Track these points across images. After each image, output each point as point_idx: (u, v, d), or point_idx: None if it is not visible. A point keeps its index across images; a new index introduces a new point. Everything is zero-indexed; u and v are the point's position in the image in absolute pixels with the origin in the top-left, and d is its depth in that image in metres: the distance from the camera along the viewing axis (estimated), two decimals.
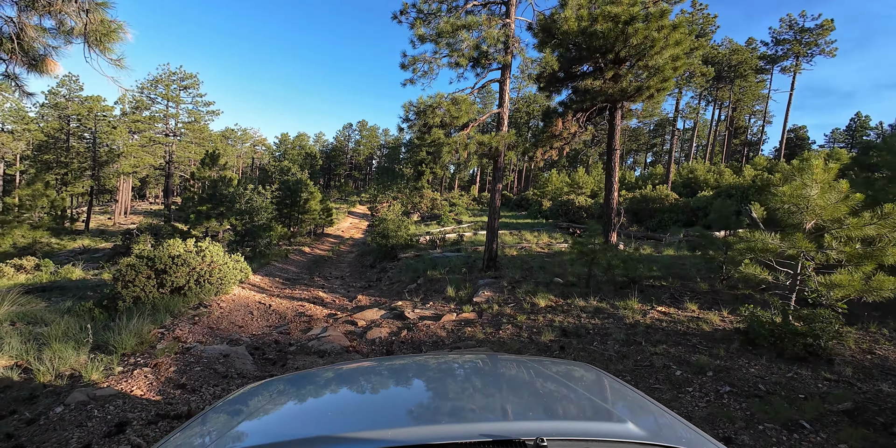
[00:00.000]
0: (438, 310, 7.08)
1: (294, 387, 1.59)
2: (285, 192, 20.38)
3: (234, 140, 66.24)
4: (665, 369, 4.09)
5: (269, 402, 1.43)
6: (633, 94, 9.98)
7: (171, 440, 1.24)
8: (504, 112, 9.66)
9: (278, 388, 1.57)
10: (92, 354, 5.04)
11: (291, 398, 1.49)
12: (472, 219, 28.50)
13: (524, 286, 7.86)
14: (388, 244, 14.04)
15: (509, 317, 6.21)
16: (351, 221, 33.64)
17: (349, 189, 66.08)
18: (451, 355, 2.21)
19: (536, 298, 6.87)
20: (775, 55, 37.50)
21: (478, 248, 14.50)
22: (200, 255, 8.42)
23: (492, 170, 9.95)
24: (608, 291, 7.23)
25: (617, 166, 11.81)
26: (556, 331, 5.41)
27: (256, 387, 1.63)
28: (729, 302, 6.25)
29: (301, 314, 7.43)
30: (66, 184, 35.82)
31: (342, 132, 73.98)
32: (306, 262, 15.21)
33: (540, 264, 10.14)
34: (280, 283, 10.73)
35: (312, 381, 1.65)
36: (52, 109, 38.88)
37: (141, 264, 7.80)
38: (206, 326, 6.13)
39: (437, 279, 9.51)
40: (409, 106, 8.54)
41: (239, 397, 1.54)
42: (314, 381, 1.64)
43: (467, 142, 8.48)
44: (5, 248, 18.53)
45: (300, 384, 1.62)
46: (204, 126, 37.63)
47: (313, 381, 1.64)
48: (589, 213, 23.73)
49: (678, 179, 28.36)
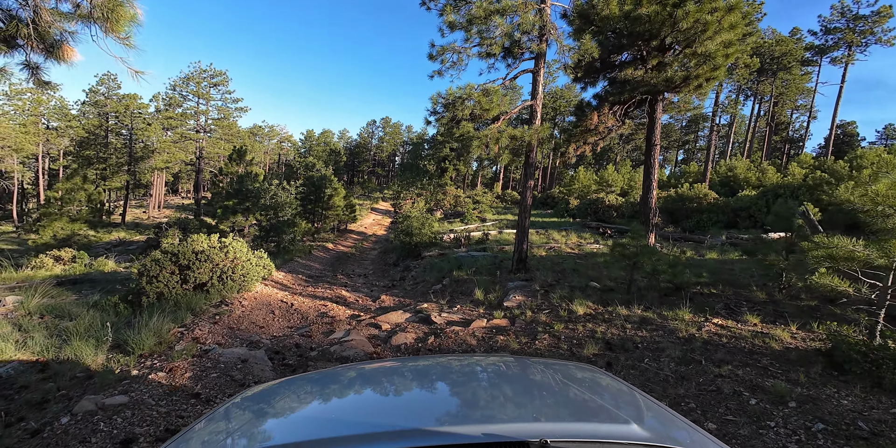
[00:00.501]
0: (467, 314, 6.65)
1: (313, 386, 1.61)
2: (309, 188, 20.39)
3: (262, 137, 67.65)
4: (736, 396, 3.52)
5: (290, 399, 1.46)
6: (680, 84, 9.21)
7: (195, 434, 1.25)
8: (537, 104, 9.09)
9: (302, 386, 1.61)
10: (110, 354, 4.87)
11: (309, 397, 1.51)
12: (496, 217, 27.91)
13: (558, 290, 7.33)
14: (411, 242, 13.70)
15: (545, 325, 5.71)
16: (374, 218, 33.63)
17: (372, 185, 66.50)
18: (454, 356, 2.17)
19: (574, 305, 6.34)
20: (824, 45, 34.97)
21: (504, 247, 13.99)
22: (224, 250, 8.28)
23: (522, 166, 9.41)
24: (652, 299, 6.61)
25: (657, 163, 11.05)
26: (600, 343, 4.89)
27: (278, 385, 1.64)
28: (795, 315, 5.54)
29: (323, 314, 7.15)
30: (104, 179, 37.33)
31: (366, 129, 74.45)
32: (330, 259, 15.08)
33: (572, 266, 9.55)
34: (303, 281, 10.55)
35: (313, 382, 1.66)
36: (92, 107, 40.53)
37: (165, 260, 7.71)
38: (227, 326, 5.92)
39: (464, 280, 9.08)
40: (438, 98, 8.11)
41: (261, 393, 1.55)
42: (315, 383, 1.65)
43: (498, 135, 7.98)
44: (46, 239, 19.30)
45: (320, 383, 1.64)
46: (233, 123, 38.42)
47: (314, 383, 1.65)
48: (619, 213, 22.75)
49: (715, 178, 26.86)
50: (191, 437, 1.24)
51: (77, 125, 40.00)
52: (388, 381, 1.62)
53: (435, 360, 2.01)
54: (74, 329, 6.06)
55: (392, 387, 1.56)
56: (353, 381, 1.63)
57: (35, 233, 20.60)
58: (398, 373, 1.74)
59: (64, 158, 42.85)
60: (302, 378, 1.74)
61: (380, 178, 75.92)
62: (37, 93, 38.74)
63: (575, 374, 1.66)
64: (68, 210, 20.02)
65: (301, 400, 1.47)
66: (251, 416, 1.35)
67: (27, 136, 33.72)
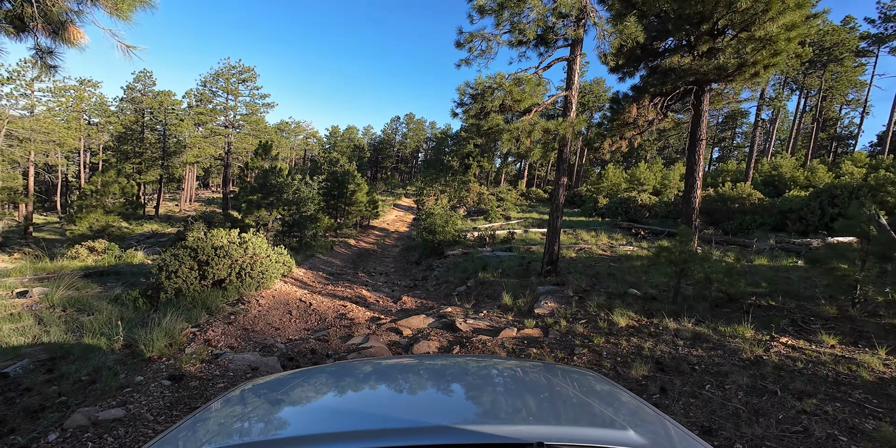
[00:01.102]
0: (494, 321, 6.15)
1: (328, 377, 1.63)
2: (333, 183, 20.27)
3: (288, 133, 68.80)
4: (831, 442, 2.88)
5: (305, 389, 1.47)
6: (733, 72, 8.34)
7: (212, 414, 1.31)
8: (573, 95, 8.43)
9: (317, 377, 1.63)
10: (120, 354, 4.65)
11: (323, 388, 1.52)
12: (520, 215, 27.16)
13: (594, 297, 6.72)
14: (434, 240, 13.28)
15: (583, 338, 5.14)
16: (396, 214, 33.47)
17: (395, 182, 66.61)
18: (457, 358, 2.16)
19: (614, 315, 5.73)
20: (883, 34, 32.25)
21: (531, 247, 13.37)
22: (243, 246, 8.07)
23: (554, 162, 8.78)
24: (702, 310, 5.92)
25: (702, 159, 10.19)
26: (649, 363, 4.29)
27: (292, 375, 1.65)
28: (879, 336, 4.76)
29: (342, 316, 6.80)
30: (139, 172, 38.71)
31: (390, 125, 74.57)
32: (351, 256, 14.85)
33: (607, 270, 8.88)
34: (323, 279, 10.29)
35: (329, 374, 1.68)
36: (129, 103, 42.02)
37: (184, 255, 7.54)
38: (241, 327, 5.64)
39: (490, 282, 8.57)
40: (465, 88, 7.58)
41: (277, 381, 1.56)
42: (332, 375, 1.66)
43: (531, 128, 7.39)
44: (83, 230, 19.96)
45: (336, 375, 1.66)
46: (260, 118, 39.03)
47: (330, 375, 1.66)
48: (652, 213, 21.64)
49: (757, 177, 25.19)
50: (208, 417, 1.29)
51: (115, 121, 41.60)
52: (385, 378, 1.61)
53: (433, 360, 2.00)
54: (90, 325, 5.93)
55: (385, 384, 1.55)
56: (367, 375, 1.64)
57: (73, 224, 21.39)
58: (397, 369, 1.73)
59: (103, 153, 44.71)
60: (319, 369, 1.76)
61: (403, 175, 76.01)
62: (79, 90, 40.52)
63: (574, 379, 1.65)
64: (103, 202, 20.65)
65: (316, 391, 1.48)
66: (266, 403, 1.35)
67: (69, 131, 35.21)
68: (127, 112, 42.43)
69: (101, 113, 43.42)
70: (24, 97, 32.02)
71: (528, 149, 7.83)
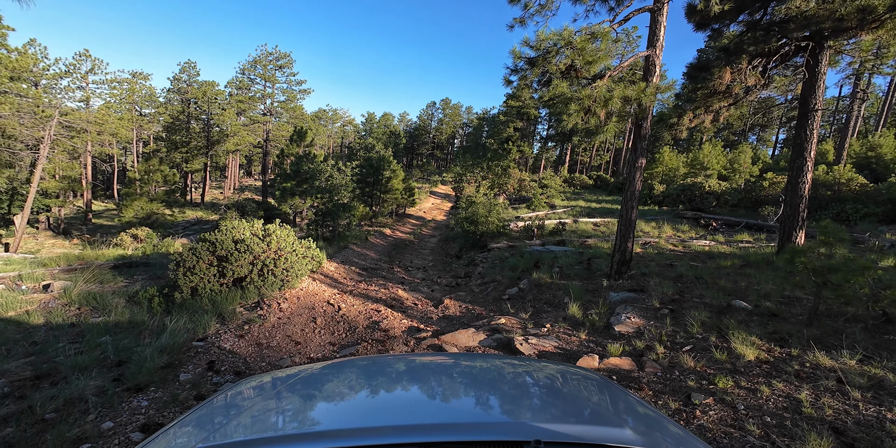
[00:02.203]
0: (564, 341, 4.84)
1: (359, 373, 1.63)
2: (367, 170, 19.36)
3: (325, 121, 69.17)
4: None
5: (338, 384, 1.48)
6: (884, 14, 6.29)
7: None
8: (656, 55, 6.74)
9: (349, 370, 1.65)
10: (100, 380, 3.80)
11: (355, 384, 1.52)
12: (565, 203, 25.25)
13: (691, 311, 5.22)
14: (477, 231, 12.01)
15: (697, 376, 3.73)
16: (433, 202, 32.44)
17: (431, 168, 65.60)
18: (453, 356, 2.17)
19: (732, 341, 4.25)
20: None
21: (586, 241, 11.79)
22: (266, 240, 7.16)
23: (631, 138, 7.15)
24: (859, 337, 4.30)
25: (815, 135, 8.18)
26: (824, 433, 2.84)
27: (322, 369, 1.65)
28: None
29: (375, 325, 5.74)
30: (186, 161, 39.96)
31: (425, 111, 73.24)
32: (386, 247, 13.91)
33: (692, 273, 7.26)
34: (356, 274, 9.34)
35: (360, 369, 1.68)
36: (175, 94, 43.26)
37: (203, 249, 6.73)
38: (255, 341, 4.69)
39: (548, 285, 7.22)
40: (522, 48, 6.11)
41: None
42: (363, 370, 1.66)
43: (608, 96, 5.84)
44: (129, 217, 20.42)
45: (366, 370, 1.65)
46: (298, 106, 38.93)
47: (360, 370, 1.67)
48: (721, 201, 19.15)
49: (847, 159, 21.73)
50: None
51: (164, 112, 43.02)
52: (392, 379, 1.54)
53: (417, 357, 2.01)
54: (92, 331, 5.22)
55: (391, 384, 1.50)
56: (358, 376, 1.61)
57: (120, 211, 22.02)
58: (394, 369, 1.67)
59: (154, 143, 46.66)
60: (350, 363, 1.78)
61: (438, 162, 74.84)
62: (132, 82, 42.13)
63: (572, 378, 1.65)
64: (147, 190, 21.03)
65: (350, 386, 1.48)
66: (298, 398, 1.35)
67: (121, 122, 36.71)
68: (174, 102, 43.75)
69: (150, 104, 45.13)
70: (80, 89, 33.45)
71: (600, 123, 6.28)
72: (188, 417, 1.25)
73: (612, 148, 56.31)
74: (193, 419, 1.25)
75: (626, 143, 49.66)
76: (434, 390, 1.43)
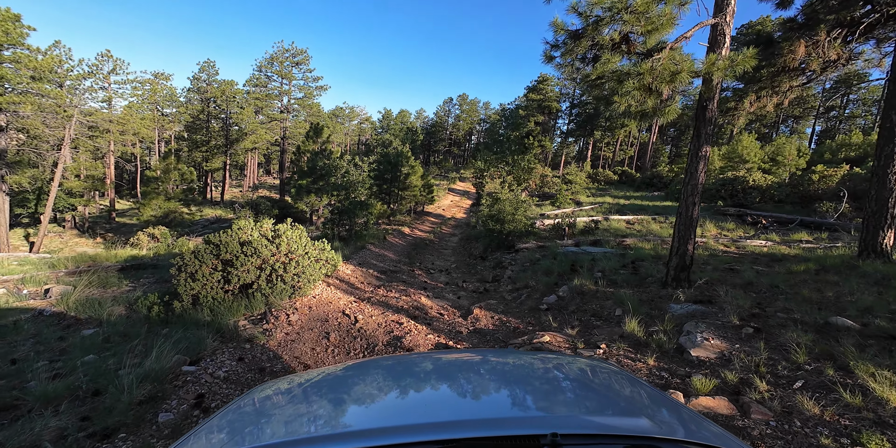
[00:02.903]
0: (627, 366, 3.93)
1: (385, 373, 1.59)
2: (385, 166, 18.63)
3: (343, 118, 69.09)
4: None
5: (366, 385, 1.44)
6: None
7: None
8: (726, 22, 5.69)
9: (374, 370, 1.62)
10: (72, 416, 3.12)
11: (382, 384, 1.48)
12: (591, 199, 24.01)
13: (783, 332, 4.23)
14: (503, 230, 11.10)
15: (831, 429, 2.79)
16: (452, 199, 31.61)
17: (449, 165, 64.76)
18: (467, 353, 2.21)
19: (861, 377, 3.27)
20: None
21: (624, 240, 10.75)
22: (276, 242, 6.45)
23: (694, 121, 6.13)
24: None
25: None
26: None
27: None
28: None
29: (397, 341, 4.95)
30: (206, 160, 40.19)
31: (442, 107, 72.33)
32: (405, 247, 13.15)
33: (763, 279, 6.21)
34: (374, 278, 8.59)
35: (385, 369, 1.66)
36: (195, 93, 43.54)
37: (206, 252, 6.06)
38: (257, 366, 3.95)
39: (592, 293, 6.29)
40: (572, 11, 5.16)
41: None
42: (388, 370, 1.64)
43: (675, 69, 4.85)
44: (146, 217, 20.27)
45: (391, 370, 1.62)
46: (315, 103, 38.63)
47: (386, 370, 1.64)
48: (765, 196, 17.67)
49: None
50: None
51: (184, 111, 43.39)
52: (401, 376, 1.53)
53: (442, 354, 1.95)
54: (77, 347, 4.60)
55: (406, 381, 1.48)
56: (377, 374, 1.57)
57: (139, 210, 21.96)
58: (399, 366, 1.68)
59: (175, 142, 47.23)
60: (374, 363, 1.77)
61: (456, 158, 73.92)
62: (154, 83, 42.63)
63: (586, 369, 1.63)
64: (164, 188, 20.87)
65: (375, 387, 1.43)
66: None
67: (143, 122, 37.13)
68: (194, 102, 44.05)
69: (171, 103, 45.61)
70: (103, 90, 33.85)
71: (658, 104, 5.29)
72: (212, 422, 1.25)
73: (637, 142, 54.21)
74: (217, 424, 1.23)
75: (652, 137, 47.59)
76: (448, 388, 1.41)
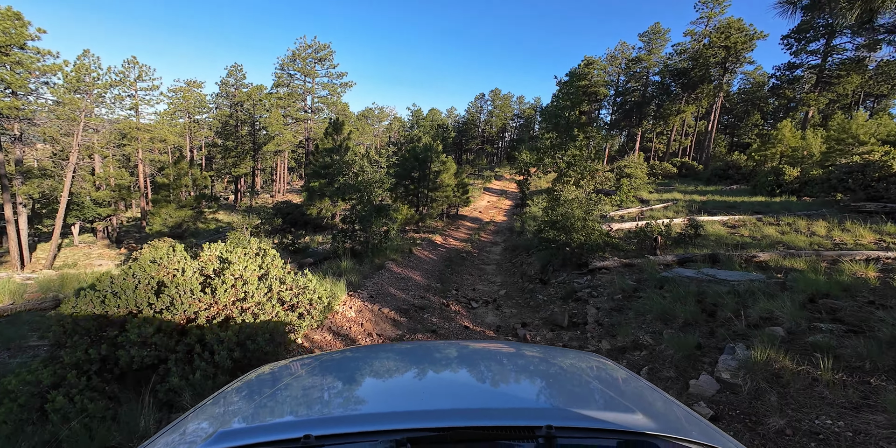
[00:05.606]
0: None
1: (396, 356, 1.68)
2: (411, 162, 15.89)
3: (372, 119, 67.61)
4: None
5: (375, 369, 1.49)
6: None
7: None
8: None
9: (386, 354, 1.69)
10: None
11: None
12: (656, 196, 20.23)
13: None
14: (572, 243, 8.00)
15: None
16: (488, 199, 28.58)
17: (482, 164, 61.63)
18: (467, 343, 2.22)
19: None
20: None
21: (754, 256, 7.37)
22: (219, 278, 3.77)
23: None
24: None
25: None
26: None
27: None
28: None
29: None
30: (235, 165, 39.38)
31: (474, 103, 69.34)
32: (437, 263, 10.32)
33: None
34: (390, 322, 5.80)
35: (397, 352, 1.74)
36: (224, 99, 43.01)
37: (82, 312, 3.48)
38: None
39: (794, 376, 3.15)
40: None
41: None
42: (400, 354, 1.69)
43: None
44: (157, 227, 18.70)
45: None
46: (340, 101, 36.81)
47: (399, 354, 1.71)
48: None
49: None
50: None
51: (213, 117, 42.98)
52: (402, 365, 1.56)
53: (445, 343, 2.00)
54: None
55: (402, 370, 1.51)
56: (378, 363, 1.58)
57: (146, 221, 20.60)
58: (407, 354, 1.71)
59: (206, 149, 47.10)
60: (389, 348, 1.87)
61: (489, 156, 70.64)
62: (186, 90, 42.51)
63: (582, 363, 1.65)
64: (177, 195, 19.32)
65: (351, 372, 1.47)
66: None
67: (174, 129, 36.71)
68: (223, 107, 43.55)
69: (201, 110, 45.46)
70: (130, 97, 33.53)
71: None
72: (217, 398, 1.26)
73: (693, 131, 48.76)
74: (224, 400, 1.24)
75: (711, 124, 42.26)
76: (448, 377, 1.42)
